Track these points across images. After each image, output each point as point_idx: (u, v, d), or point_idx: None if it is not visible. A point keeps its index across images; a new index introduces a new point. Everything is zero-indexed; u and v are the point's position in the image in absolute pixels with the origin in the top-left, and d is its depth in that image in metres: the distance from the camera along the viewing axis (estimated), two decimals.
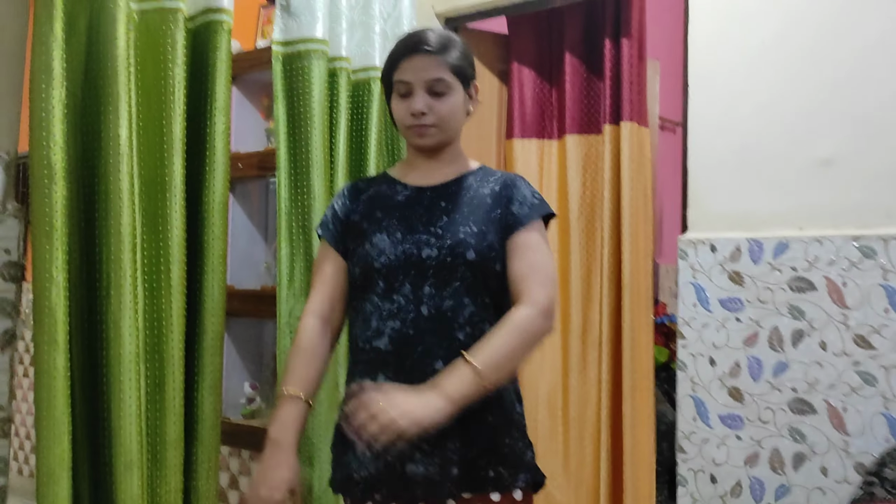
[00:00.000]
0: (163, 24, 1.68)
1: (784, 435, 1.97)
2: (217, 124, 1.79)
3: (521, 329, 1.39)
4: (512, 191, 1.50)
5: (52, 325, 1.44)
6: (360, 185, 1.61)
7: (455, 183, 1.53)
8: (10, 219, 1.59)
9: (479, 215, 1.47)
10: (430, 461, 1.38)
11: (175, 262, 1.67)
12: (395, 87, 1.49)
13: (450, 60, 1.47)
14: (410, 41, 1.47)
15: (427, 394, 1.31)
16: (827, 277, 1.93)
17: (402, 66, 1.47)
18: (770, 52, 2.06)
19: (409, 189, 1.54)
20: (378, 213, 1.51)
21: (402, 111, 1.48)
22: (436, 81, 1.46)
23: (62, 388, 1.46)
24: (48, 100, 1.46)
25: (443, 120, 1.48)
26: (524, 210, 1.48)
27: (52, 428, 1.45)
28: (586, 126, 2.90)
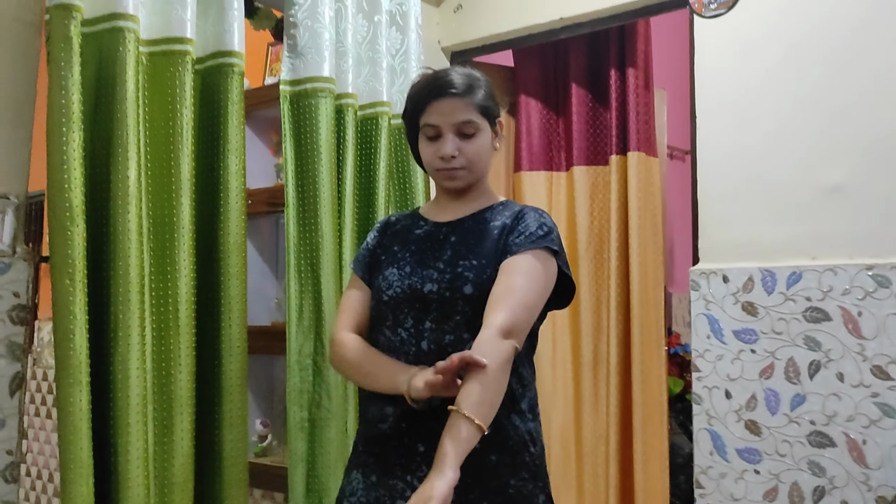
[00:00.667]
0: (171, 66, 1.69)
1: (803, 468, 1.93)
2: (231, 165, 1.80)
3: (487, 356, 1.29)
4: (517, 222, 1.46)
5: (77, 366, 1.45)
6: (391, 219, 1.63)
7: (471, 218, 1.52)
8: (20, 262, 1.59)
9: (483, 248, 1.45)
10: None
11: (183, 303, 1.67)
12: (423, 130, 1.48)
13: (477, 101, 1.46)
14: (436, 84, 1.46)
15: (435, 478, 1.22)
16: (842, 307, 1.91)
17: (430, 109, 1.46)
18: (775, 81, 2.05)
19: (429, 224, 1.54)
20: (395, 247, 1.53)
21: (430, 154, 1.48)
22: (464, 124, 1.45)
23: (86, 429, 1.46)
24: (68, 143, 1.47)
25: (472, 162, 1.47)
26: (519, 240, 1.42)
27: (78, 469, 1.44)
28: (593, 157, 2.91)
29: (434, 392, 1.30)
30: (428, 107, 1.46)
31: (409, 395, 1.34)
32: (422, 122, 1.48)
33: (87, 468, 1.45)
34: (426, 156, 1.49)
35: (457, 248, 1.47)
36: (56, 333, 1.46)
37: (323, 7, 2.02)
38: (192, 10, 1.71)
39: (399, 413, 1.39)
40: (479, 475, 1.35)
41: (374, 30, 2.23)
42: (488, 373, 1.28)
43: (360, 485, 1.44)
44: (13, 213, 1.59)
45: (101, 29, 1.59)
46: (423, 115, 1.47)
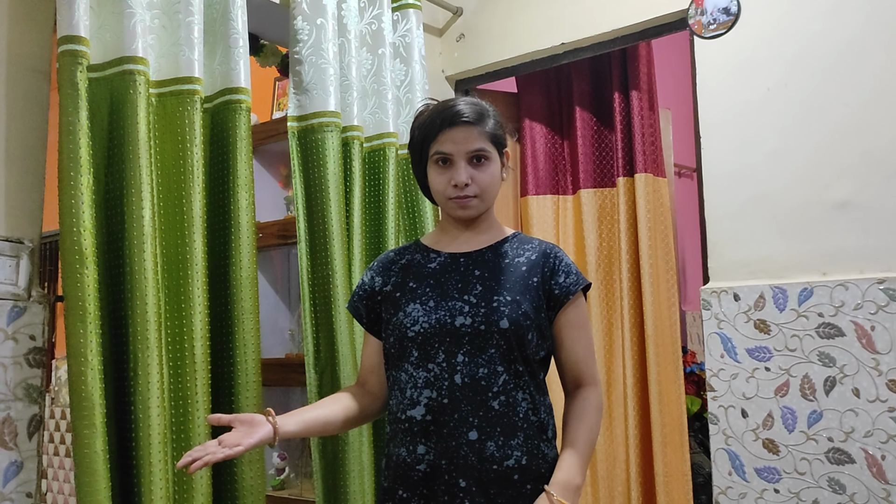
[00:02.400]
0: (180, 106, 1.72)
1: (823, 486, 1.91)
2: (240, 200, 1.82)
3: (598, 409, 1.50)
4: (554, 261, 1.51)
5: (90, 408, 1.46)
6: (391, 255, 1.61)
7: (490, 250, 1.53)
8: (35, 305, 1.62)
9: (514, 283, 1.47)
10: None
11: (199, 339, 1.68)
12: (433, 159, 1.48)
13: (488, 129, 1.47)
14: (448, 113, 1.47)
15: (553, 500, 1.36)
16: (855, 322, 1.90)
17: (442, 137, 1.46)
18: (777, 99, 2.06)
19: (443, 256, 1.54)
20: (412, 283, 1.51)
21: (442, 183, 1.48)
22: (477, 152, 1.46)
23: (103, 471, 1.46)
24: (77, 187, 1.50)
25: (484, 190, 1.48)
26: (571, 279, 1.49)
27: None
28: (600, 180, 2.92)
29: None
30: (440, 135, 1.46)
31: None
32: (433, 151, 1.48)
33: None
34: (438, 184, 1.48)
35: (487, 283, 1.47)
36: (70, 376, 1.47)
37: (327, 43, 2.06)
38: (199, 51, 1.75)
39: (437, 450, 1.40)
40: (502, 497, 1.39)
41: (378, 62, 2.26)
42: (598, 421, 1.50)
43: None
44: (28, 258, 1.62)
45: (111, 73, 1.63)
46: (435, 144, 1.47)
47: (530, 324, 1.44)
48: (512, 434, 1.41)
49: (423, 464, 1.41)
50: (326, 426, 1.49)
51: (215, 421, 1.35)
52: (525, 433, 1.42)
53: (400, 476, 1.44)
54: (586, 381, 1.50)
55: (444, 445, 1.39)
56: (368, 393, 1.57)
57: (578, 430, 1.45)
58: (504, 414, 1.40)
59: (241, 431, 1.33)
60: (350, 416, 1.52)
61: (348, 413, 1.51)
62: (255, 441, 1.33)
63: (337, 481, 1.97)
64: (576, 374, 1.51)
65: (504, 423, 1.40)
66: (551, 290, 1.48)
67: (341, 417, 1.50)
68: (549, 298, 1.48)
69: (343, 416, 1.50)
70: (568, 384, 1.53)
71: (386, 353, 1.53)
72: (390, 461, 1.48)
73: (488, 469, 1.39)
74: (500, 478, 1.39)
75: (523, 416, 1.42)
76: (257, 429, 1.35)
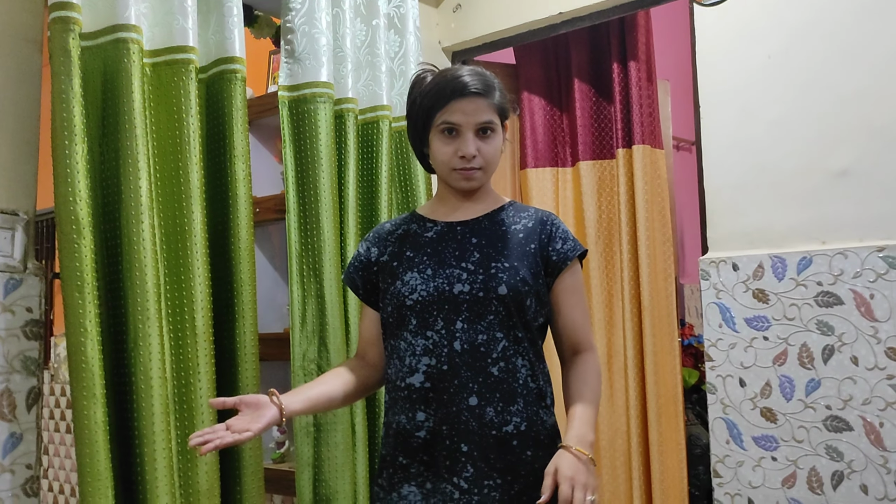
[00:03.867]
0: (175, 75, 1.70)
1: (820, 454, 1.92)
2: (237, 171, 1.81)
3: (599, 373, 1.51)
4: (551, 228, 1.51)
5: (90, 378, 1.45)
6: (387, 226, 1.60)
7: (487, 218, 1.53)
8: (32, 277, 1.61)
9: (512, 250, 1.47)
10: (468, 500, 1.38)
11: (199, 310, 1.68)
12: (438, 128, 1.46)
13: (496, 102, 1.46)
14: (458, 83, 1.44)
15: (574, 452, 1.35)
16: (854, 290, 1.90)
17: (450, 107, 1.44)
18: (778, 67, 2.05)
19: (440, 225, 1.53)
20: (409, 252, 1.51)
21: (448, 153, 1.46)
22: (484, 124, 1.45)
23: (103, 441, 1.46)
24: (71, 156, 1.49)
25: (489, 162, 1.48)
26: (568, 245, 1.50)
27: (96, 483, 1.45)
28: (599, 152, 2.91)
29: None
30: (448, 105, 1.44)
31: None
32: (439, 120, 1.45)
33: (106, 480, 1.46)
34: (443, 154, 1.46)
35: (484, 249, 1.47)
36: (69, 347, 1.47)
37: (320, 12, 2.03)
38: (193, 20, 1.72)
39: (437, 417, 1.41)
40: (517, 472, 1.41)
41: (372, 33, 2.23)
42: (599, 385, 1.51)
43: (417, 497, 1.42)
44: (23, 229, 1.61)
45: (104, 41, 1.61)
46: (442, 113, 1.44)
47: (528, 290, 1.45)
48: (511, 400, 1.42)
49: (423, 430, 1.42)
50: (331, 402, 1.50)
51: (219, 405, 1.35)
52: (525, 399, 1.43)
53: (400, 443, 1.45)
54: (584, 347, 1.51)
55: (445, 411, 1.40)
56: (368, 365, 1.58)
57: (584, 391, 1.45)
58: (503, 380, 1.41)
59: (247, 415, 1.34)
60: (350, 389, 1.53)
61: (349, 387, 1.52)
62: (263, 425, 1.33)
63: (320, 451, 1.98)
64: (574, 340, 1.52)
65: (503, 389, 1.41)
66: (549, 257, 1.49)
67: (342, 392, 1.51)
68: (547, 265, 1.49)
69: (344, 390, 1.51)
70: (565, 351, 1.53)
71: (384, 323, 1.53)
72: (389, 429, 1.48)
73: (488, 434, 1.40)
74: (499, 443, 1.40)
75: (522, 382, 1.43)
76: (264, 412, 1.35)
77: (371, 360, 1.58)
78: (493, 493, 1.39)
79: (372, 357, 1.58)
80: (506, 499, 1.39)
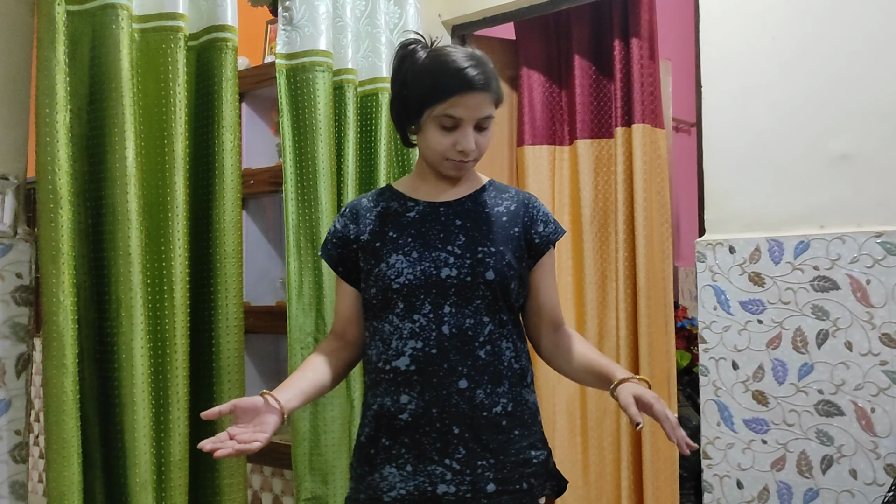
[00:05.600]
0: (163, 42, 1.67)
1: (811, 438, 1.93)
2: (225, 143, 1.78)
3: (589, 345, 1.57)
4: (533, 211, 1.54)
5: (60, 348, 1.45)
6: (363, 202, 1.57)
7: (470, 199, 1.52)
8: (21, 243, 1.59)
9: (497, 234, 1.48)
10: (461, 480, 1.39)
11: (178, 282, 1.66)
12: (439, 120, 1.43)
13: (494, 94, 1.45)
14: (463, 76, 1.40)
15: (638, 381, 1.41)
16: (850, 276, 1.89)
17: (454, 101, 1.40)
18: (782, 48, 2.02)
19: (422, 204, 1.52)
20: (391, 233, 1.49)
21: (445, 145, 1.44)
22: (485, 119, 1.44)
23: (71, 410, 1.46)
24: (52, 124, 1.47)
25: (481, 154, 1.49)
26: (549, 229, 1.54)
27: (63, 451, 1.45)
28: (597, 130, 2.88)
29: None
30: (451, 98, 1.40)
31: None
32: (441, 111, 1.42)
33: (72, 448, 1.46)
34: (439, 145, 1.44)
35: (470, 233, 1.47)
36: (43, 317, 1.46)
37: None
38: None
39: (426, 400, 1.40)
40: (507, 450, 1.42)
41: (372, 4, 2.20)
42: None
43: (396, 478, 1.41)
44: (13, 194, 1.59)
45: (93, 7, 1.58)
46: (445, 105, 1.41)
47: (513, 273, 1.46)
48: (498, 382, 1.43)
49: (406, 413, 1.41)
50: (321, 390, 1.51)
51: (215, 415, 1.29)
52: (510, 381, 1.45)
53: (383, 425, 1.44)
54: (561, 322, 1.57)
55: (435, 394, 1.40)
56: (349, 344, 1.56)
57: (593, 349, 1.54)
58: (490, 363, 1.43)
59: (249, 424, 1.31)
60: (338, 373, 1.53)
61: (336, 371, 1.53)
62: (270, 434, 1.31)
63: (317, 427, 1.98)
64: (553, 317, 1.56)
65: (490, 372, 1.43)
66: (531, 240, 1.51)
67: (331, 378, 1.51)
68: (530, 248, 1.51)
69: (332, 375, 1.51)
70: (544, 327, 1.56)
71: (367, 304, 1.51)
72: (368, 410, 1.48)
73: (479, 416, 1.41)
74: (491, 424, 1.41)
75: (507, 364, 1.45)
76: (265, 418, 1.32)
77: (351, 339, 1.56)
78: (487, 472, 1.40)
79: (352, 336, 1.56)
80: (499, 478, 1.40)
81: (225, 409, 1.30)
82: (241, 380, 1.80)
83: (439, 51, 1.46)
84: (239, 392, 1.79)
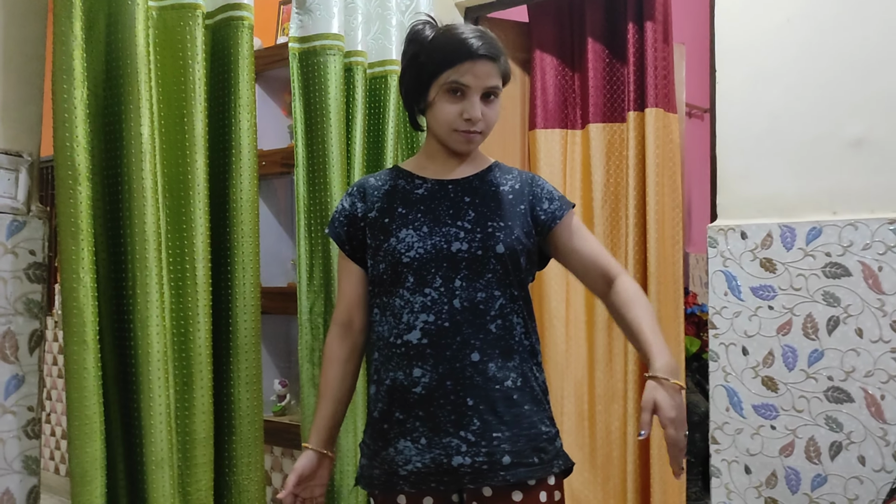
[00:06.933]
0: (181, 20, 1.67)
1: (820, 424, 1.92)
2: (242, 122, 1.78)
3: (641, 292, 1.51)
4: (537, 189, 1.54)
5: (81, 325, 1.46)
6: (371, 181, 1.58)
7: (477, 178, 1.53)
8: (35, 220, 1.60)
9: (505, 210, 1.49)
10: (477, 452, 1.40)
11: (200, 260, 1.68)
12: (445, 87, 1.44)
13: (503, 67, 1.47)
14: (471, 44, 1.42)
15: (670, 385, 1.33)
16: (862, 262, 1.88)
17: (462, 68, 1.42)
18: (796, 32, 2.00)
19: (430, 182, 1.53)
20: (400, 209, 1.50)
21: (452, 113, 1.45)
22: (492, 89, 1.45)
23: (93, 387, 1.47)
24: (70, 100, 1.47)
25: (489, 127, 1.49)
26: (555, 205, 1.53)
27: (84, 427, 1.47)
28: (610, 114, 2.86)
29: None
30: (460, 65, 1.42)
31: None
32: (448, 79, 1.43)
33: (95, 424, 1.47)
34: (447, 114, 1.45)
35: (479, 208, 1.48)
36: (62, 293, 1.47)
37: None
38: None
39: (440, 373, 1.41)
40: (520, 424, 1.43)
41: None
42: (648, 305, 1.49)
43: (412, 452, 1.42)
44: (27, 171, 1.59)
45: None
46: (453, 73, 1.43)
47: (522, 248, 1.48)
48: (509, 356, 1.45)
49: (419, 386, 1.42)
50: (347, 403, 1.58)
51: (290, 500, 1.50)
52: (520, 356, 1.46)
53: (396, 399, 1.45)
54: (614, 272, 1.52)
55: (449, 367, 1.41)
56: (355, 332, 1.57)
57: (642, 315, 1.44)
58: (501, 337, 1.44)
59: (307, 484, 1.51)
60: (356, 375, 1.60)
61: (355, 375, 1.59)
62: (326, 480, 1.55)
63: None
64: (601, 268, 1.53)
65: (501, 346, 1.44)
66: (537, 217, 1.52)
67: (352, 387, 1.59)
68: (536, 224, 1.52)
69: (352, 383, 1.58)
70: (598, 285, 1.54)
71: (376, 280, 1.51)
72: (381, 386, 1.49)
73: (492, 388, 1.42)
74: (504, 396, 1.43)
75: (518, 339, 1.46)
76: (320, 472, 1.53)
77: (358, 327, 1.57)
78: (503, 444, 1.41)
79: (359, 323, 1.57)
80: (514, 450, 1.42)
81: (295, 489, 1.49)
82: (257, 359, 1.81)
83: (447, 26, 1.50)
84: (256, 373, 1.80)
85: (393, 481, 1.45)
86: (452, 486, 1.44)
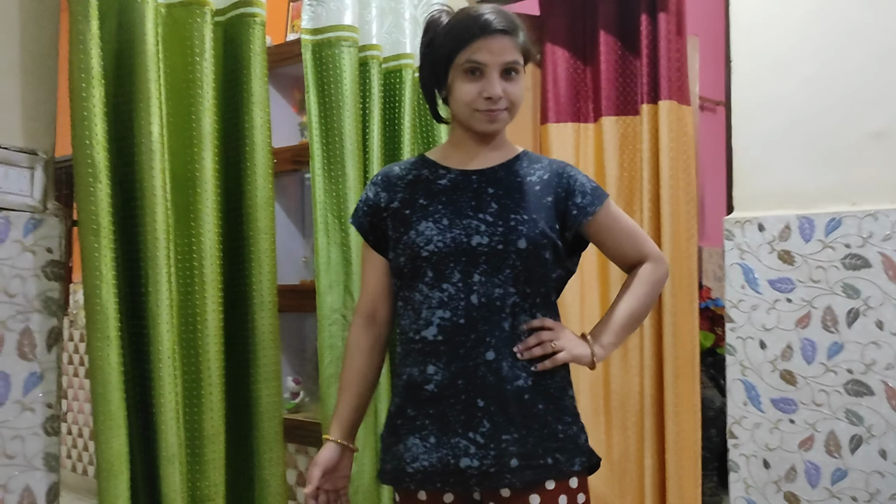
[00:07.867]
0: (189, 17, 1.67)
1: (840, 418, 1.91)
2: (255, 119, 1.78)
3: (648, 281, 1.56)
4: (568, 181, 1.49)
5: (104, 321, 1.46)
6: (395, 170, 1.56)
7: (503, 168, 1.49)
8: (52, 218, 1.60)
9: (530, 203, 1.45)
10: (485, 454, 1.38)
11: (208, 258, 1.67)
12: (462, 67, 1.41)
13: (521, 42, 1.43)
14: (483, 21, 1.40)
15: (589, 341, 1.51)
16: (882, 253, 1.86)
17: (476, 45, 1.39)
18: (815, 21, 1.98)
19: (454, 172, 1.50)
20: (421, 200, 1.48)
21: (472, 93, 1.42)
22: (510, 64, 1.42)
23: (117, 383, 1.48)
24: (89, 98, 1.47)
25: (514, 104, 1.45)
26: (587, 199, 1.49)
27: (109, 423, 1.48)
28: (623, 107, 2.84)
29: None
30: (474, 43, 1.40)
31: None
32: (463, 59, 1.41)
33: (119, 419, 1.48)
34: (466, 94, 1.42)
35: (502, 200, 1.44)
36: (84, 290, 1.47)
37: None
38: None
39: (452, 371, 1.39)
40: (530, 425, 1.40)
41: None
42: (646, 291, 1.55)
43: (420, 450, 1.41)
44: (42, 169, 1.59)
45: None
46: (467, 51, 1.40)
47: (547, 242, 1.43)
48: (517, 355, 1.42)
49: (432, 384, 1.41)
50: (370, 395, 1.58)
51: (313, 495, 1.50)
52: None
53: (410, 395, 1.44)
54: (644, 258, 1.57)
55: (461, 365, 1.39)
56: (379, 324, 1.56)
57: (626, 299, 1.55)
58: (513, 335, 1.42)
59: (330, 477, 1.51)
60: (380, 367, 1.58)
61: (379, 367, 1.58)
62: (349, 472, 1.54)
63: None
64: (631, 262, 1.58)
65: (512, 345, 1.42)
66: (568, 211, 1.47)
67: (375, 377, 1.58)
68: (566, 219, 1.47)
69: (375, 375, 1.58)
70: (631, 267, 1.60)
71: (397, 273, 1.50)
72: (399, 380, 1.48)
73: (504, 389, 1.39)
74: (515, 397, 1.40)
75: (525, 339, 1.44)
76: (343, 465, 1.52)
77: (382, 318, 1.56)
78: (511, 447, 1.38)
79: (383, 314, 1.56)
80: (523, 452, 1.39)
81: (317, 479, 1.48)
82: (276, 356, 1.81)
83: (462, 9, 1.48)
84: (275, 369, 1.80)
85: (400, 477, 1.44)
86: (458, 487, 1.41)
